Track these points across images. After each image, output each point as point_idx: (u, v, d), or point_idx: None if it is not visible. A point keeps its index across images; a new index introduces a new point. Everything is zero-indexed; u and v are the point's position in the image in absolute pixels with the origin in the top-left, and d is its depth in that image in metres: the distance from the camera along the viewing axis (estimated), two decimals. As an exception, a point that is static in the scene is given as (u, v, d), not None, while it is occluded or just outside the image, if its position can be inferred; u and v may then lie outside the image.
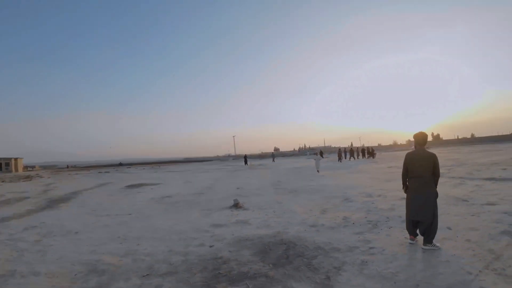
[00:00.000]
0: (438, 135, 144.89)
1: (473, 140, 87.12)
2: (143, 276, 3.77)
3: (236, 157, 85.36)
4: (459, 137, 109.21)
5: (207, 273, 3.71)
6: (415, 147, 4.68)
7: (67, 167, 79.51)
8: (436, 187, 4.45)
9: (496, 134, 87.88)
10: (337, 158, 39.24)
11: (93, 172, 41.91)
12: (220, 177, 19.21)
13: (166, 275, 3.76)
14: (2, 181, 24.59)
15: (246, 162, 37.30)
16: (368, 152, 37.56)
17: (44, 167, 79.26)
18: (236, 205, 8.17)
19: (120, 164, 77.31)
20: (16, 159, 50.17)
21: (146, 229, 6.37)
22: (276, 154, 69.92)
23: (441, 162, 5.24)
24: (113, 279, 3.76)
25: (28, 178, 29.01)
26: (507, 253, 3.93)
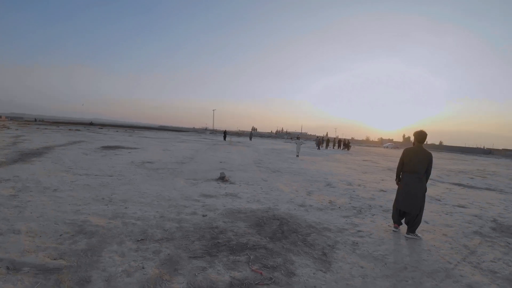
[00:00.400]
0: (408, 137, 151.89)
1: (441, 148, 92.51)
2: (138, 240, 3.69)
3: (213, 131, 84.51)
4: (428, 143, 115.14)
5: (206, 241, 3.71)
6: (413, 144, 4.84)
7: (35, 120, 74.47)
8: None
9: (463, 145, 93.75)
10: (316, 145, 40.40)
11: (63, 128, 39.67)
12: (200, 149, 18.98)
13: (163, 240, 3.71)
14: (-40, 127, 22.56)
15: (225, 138, 37.05)
16: (344, 144, 38.78)
17: (11, 118, 73.65)
18: (223, 178, 8.16)
19: (91, 124, 73.63)
20: None
21: (131, 192, 6.20)
22: (254, 134, 70.09)
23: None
24: (105, 242, 3.63)
25: None
26: (480, 250, 4.30)
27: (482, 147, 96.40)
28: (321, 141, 41.64)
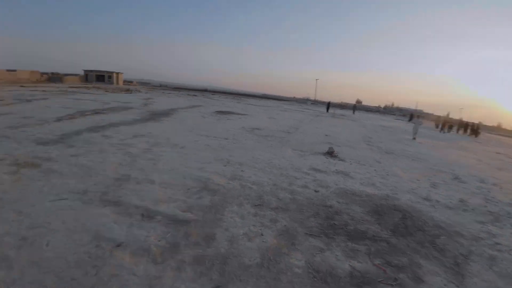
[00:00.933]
0: None
1: None
2: (255, 205, 3.86)
3: (315, 102, 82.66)
4: None
5: (321, 220, 3.61)
6: None
7: (160, 85, 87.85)
8: None
9: None
10: (436, 127, 34.76)
11: (183, 93, 45.69)
12: (303, 120, 18.82)
13: (278, 210, 3.78)
14: (106, 91, 28.46)
15: (328, 109, 35.64)
16: (472, 129, 31.92)
17: (141, 83, 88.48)
18: (331, 153, 7.83)
19: (206, 90, 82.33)
20: (117, 73, 55.55)
21: (246, 156, 6.59)
22: (358, 107, 65.12)
23: None
24: (226, 201, 3.93)
25: (128, 91, 32.43)
26: None
27: None
28: (444, 123, 35.51)
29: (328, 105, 36.59)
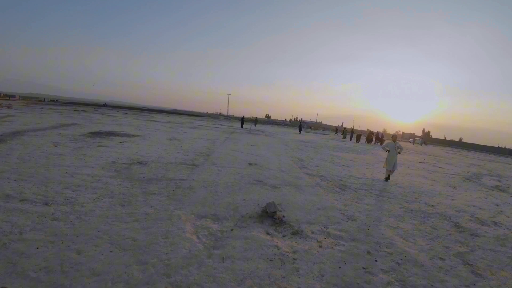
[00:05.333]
0: (429, 131, 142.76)
1: (463, 145, 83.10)
2: None
3: (227, 117, 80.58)
4: (448, 139, 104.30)
5: None
6: None
7: (44, 100, 72.53)
8: None
9: (484, 144, 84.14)
10: (344, 137, 35.89)
11: (69, 108, 36.44)
12: (216, 139, 14.90)
13: None
14: None
15: (242, 125, 32.90)
16: (377, 138, 33.96)
17: (26, 97, 72.12)
18: (272, 216, 4.03)
19: (105, 105, 71.05)
20: None
21: (67, 264, 2.19)
22: (259, 121, 66.23)
23: None
24: None
25: None
26: None
27: (503, 146, 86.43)
28: (350, 133, 37.27)
29: (243, 120, 33.95)
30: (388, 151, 9.03)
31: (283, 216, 4.12)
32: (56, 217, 3.51)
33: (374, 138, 33.92)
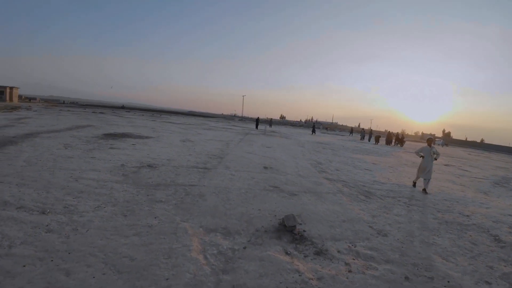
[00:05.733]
0: (449, 132, 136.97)
1: (484, 146, 78.50)
2: None
3: (242, 118, 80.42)
4: (468, 140, 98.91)
5: None
6: None
7: (63, 102, 74.77)
8: None
9: (508, 145, 79.17)
10: (361, 138, 34.76)
11: (87, 110, 37.24)
12: (230, 141, 14.50)
13: None
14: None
15: (257, 126, 32.42)
16: (397, 139, 32.52)
17: (46, 100, 74.70)
18: (292, 231, 3.52)
19: (122, 107, 72.57)
20: (11, 88, 46.31)
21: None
22: (274, 121, 66.04)
23: None
24: None
25: (14, 109, 25.77)
26: None
27: None
28: (369, 134, 36.09)
29: (257, 121, 33.46)
30: (422, 157, 7.69)
31: (304, 231, 3.60)
32: (51, 228, 3.16)
33: (394, 139, 32.58)
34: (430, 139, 7.86)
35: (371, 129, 42.40)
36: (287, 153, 11.95)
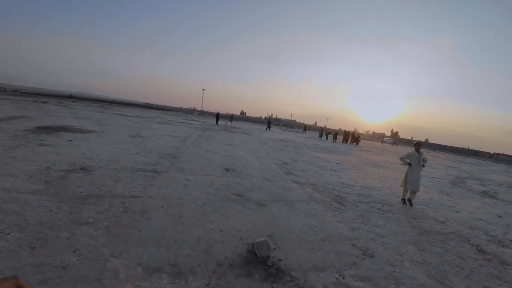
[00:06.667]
0: (397, 132, 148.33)
1: (428, 145, 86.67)
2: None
3: (202, 113, 78.10)
4: (413, 139, 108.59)
5: None
6: None
7: (4, 90, 65.23)
8: None
9: (448, 145, 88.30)
10: (319, 136, 35.49)
11: (29, 99, 32.54)
12: (188, 137, 13.27)
13: None
14: None
15: (217, 122, 31.21)
16: (353, 137, 33.80)
17: None
18: (265, 261, 2.69)
19: (70, 97, 65.63)
20: None
21: None
22: (235, 117, 65.69)
23: None
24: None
25: None
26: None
27: (467, 147, 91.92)
28: (327, 133, 37.25)
29: (217, 116, 32.26)
30: (409, 164, 6.35)
31: (280, 260, 2.80)
32: None
33: (350, 137, 33.73)
34: (419, 144, 6.56)
35: (323, 127, 44.05)
36: (250, 151, 11.15)
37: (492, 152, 76.28)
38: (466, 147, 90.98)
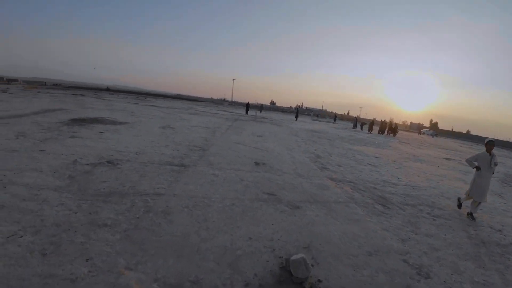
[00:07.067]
0: (436, 122, 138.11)
1: (470, 137, 79.34)
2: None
3: (232, 103, 78.47)
4: (454, 130, 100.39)
5: None
6: None
7: (45, 84, 70.31)
8: None
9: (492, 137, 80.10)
10: (353, 126, 33.85)
11: (68, 93, 34.67)
12: (217, 128, 13.06)
13: None
14: None
15: (247, 112, 30.92)
16: (390, 128, 31.66)
17: (28, 81, 69.79)
18: (302, 283, 2.24)
19: (107, 89, 69.14)
20: None
21: None
22: (264, 107, 65.29)
23: None
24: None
25: None
26: None
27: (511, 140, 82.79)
28: (362, 123, 35.33)
29: (247, 106, 31.96)
30: (478, 168, 4.97)
31: (319, 281, 2.34)
32: None
33: (387, 128, 31.74)
34: (491, 143, 5.04)
35: (357, 118, 42.05)
36: (280, 143, 10.65)
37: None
38: (510, 140, 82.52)
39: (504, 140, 78.98)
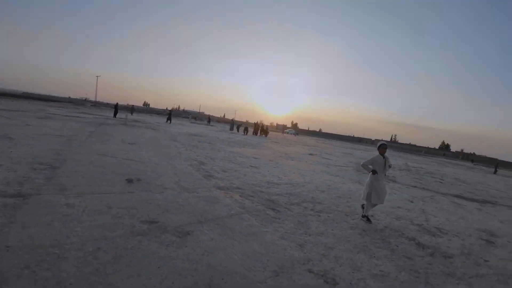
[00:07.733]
0: (296, 123, 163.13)
1: (323, 134, 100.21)
2: None
3: (96, 104, 68.10)
4: (310, 129, 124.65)
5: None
6: None
7: None
8: None
9: (337, 133, 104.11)
10: (230, 129, 35.49)
11: None
12: (75, 136, 10.48)
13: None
14: None
15: (116, 114, 27.10)
16: (262, 130, 35.07)
17: None
18: None
19: None
20: None
21: None
22: (136, 108, 61.08)
23: None
24: None
25: None
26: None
27: (352, 135, 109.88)
28: (238, 125, 37.73)
29: (116, 108, 28.14)
30: (374, 172, 4.91)
31: None
32: None
33: (260, 130, 34.75)
34: (384, 146, 4.97)
35: (232, 120, 44.97)
36: (158, 151, 9.51)
37: (373, 139, 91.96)
38: (352, 135, 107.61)
39: (347, 135, 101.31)
